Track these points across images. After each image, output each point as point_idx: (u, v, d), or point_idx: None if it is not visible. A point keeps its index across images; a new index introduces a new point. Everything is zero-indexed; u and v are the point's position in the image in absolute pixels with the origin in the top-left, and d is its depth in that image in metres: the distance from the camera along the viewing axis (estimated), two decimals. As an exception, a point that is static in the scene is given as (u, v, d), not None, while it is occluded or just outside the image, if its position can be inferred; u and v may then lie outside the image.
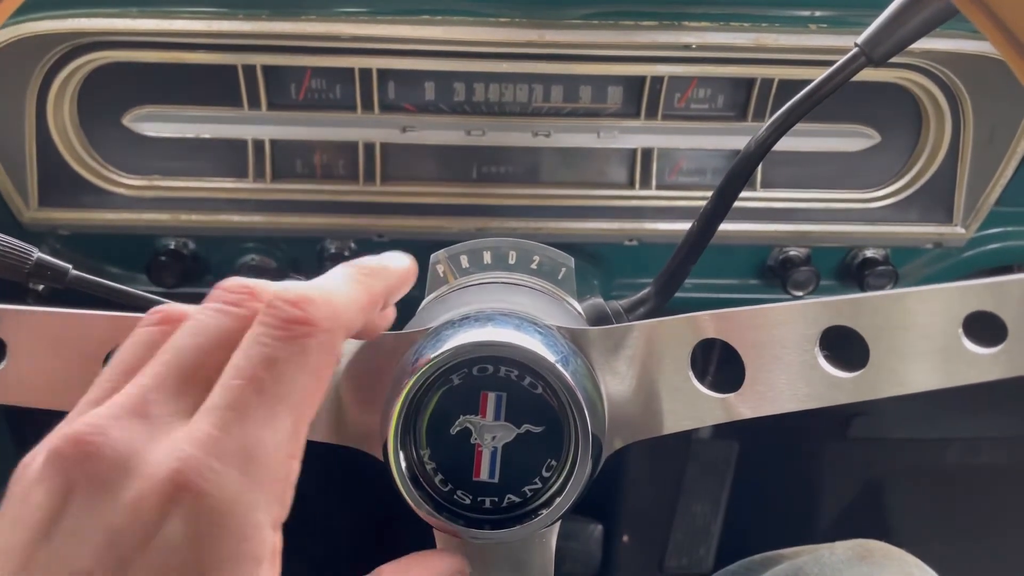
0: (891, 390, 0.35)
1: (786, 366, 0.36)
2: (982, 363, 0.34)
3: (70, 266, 0.41)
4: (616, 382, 0.39)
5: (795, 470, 1.15)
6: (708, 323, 0.36)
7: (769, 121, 0.43)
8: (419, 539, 0.40)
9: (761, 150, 0.44)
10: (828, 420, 1.12)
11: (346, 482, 1.12)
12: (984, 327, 0.33)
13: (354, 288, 0.31)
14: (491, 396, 0.36)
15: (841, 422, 1.11)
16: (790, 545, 0.63)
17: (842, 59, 0.41)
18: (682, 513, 1.11)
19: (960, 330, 0.34)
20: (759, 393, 0.36)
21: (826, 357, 0.35)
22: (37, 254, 0.41)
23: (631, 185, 0.75)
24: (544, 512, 0.37)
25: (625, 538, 1.13)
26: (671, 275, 0.47)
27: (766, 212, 0.76)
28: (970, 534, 1.10)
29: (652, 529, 1.12)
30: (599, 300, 0.49)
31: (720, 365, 0.90)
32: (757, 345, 0.36)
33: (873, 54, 0.40)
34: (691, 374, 0.37)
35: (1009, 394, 1.04)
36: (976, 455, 1.10)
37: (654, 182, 0.75)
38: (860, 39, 0.40)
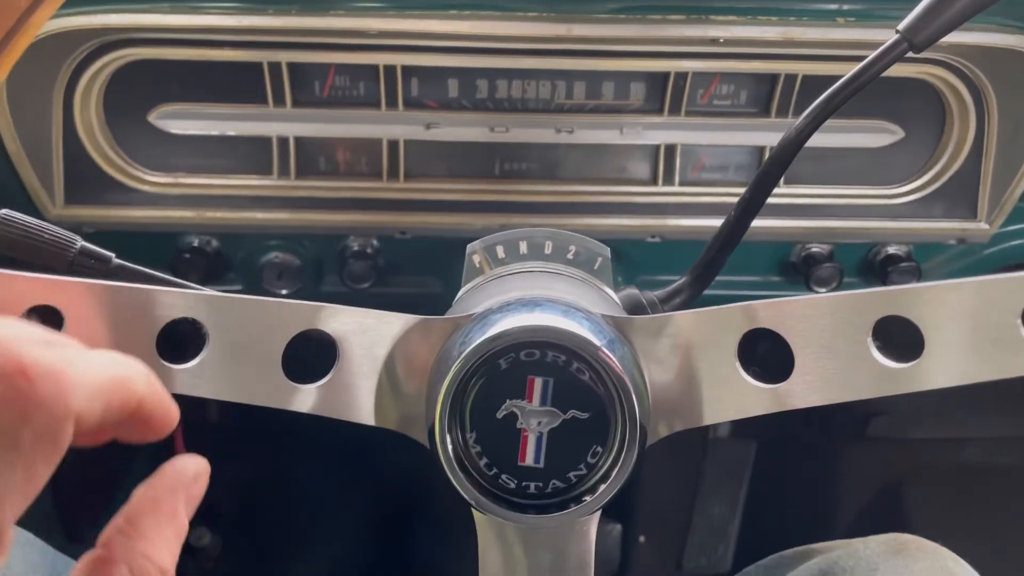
0: (946, 381, 0.35)
1: (837, 355, 0.35)
2: None
3: (113, 255, 0.41)
4: (660, 371, 0.39)
5: (813, 470, 1.14)
6: (758, 312, 0.36)
7: (808, 110, 0.43)
8: (435, 536, 0.40)
9: (800, 139, 0.44)
10: (846, 419, 1.12)
11: (362, 480, 1.12)
12: None
13: (105, 361, 0.26)
14: (538, 381, 0.36)
15: (859, 421, 1.10)
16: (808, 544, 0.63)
17: (883, 46, 0.41)
18: (700, 513, 1.11)
19: (1018, 321, 0.34)
20: (809, 383, 0.36)
21: (878, 348, 0.35)
22: (81, 243, 0.41)
23: (654, 181, 0.75)
24: (588, 499, 0.37)
25: (642, 538, 1.13)
26: (706, 265, 0.47)
27: (789, 208, 0.76)
28: (989, 533, 1.09)
29: (670, 529, 1.12)
30: (634, 291, 0.49)
31: (760, 356, 0.90)
32: (807, 334, 0.36)
33: (915, 40, 0.40)
34: (738, 364, 0.37)
35: (1026, 393, 1.04)
36: (996, 455, 1.10)
37: (677, 178, 0.75)
38: (901, 25, 0.40)
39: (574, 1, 0.63)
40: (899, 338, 0.35)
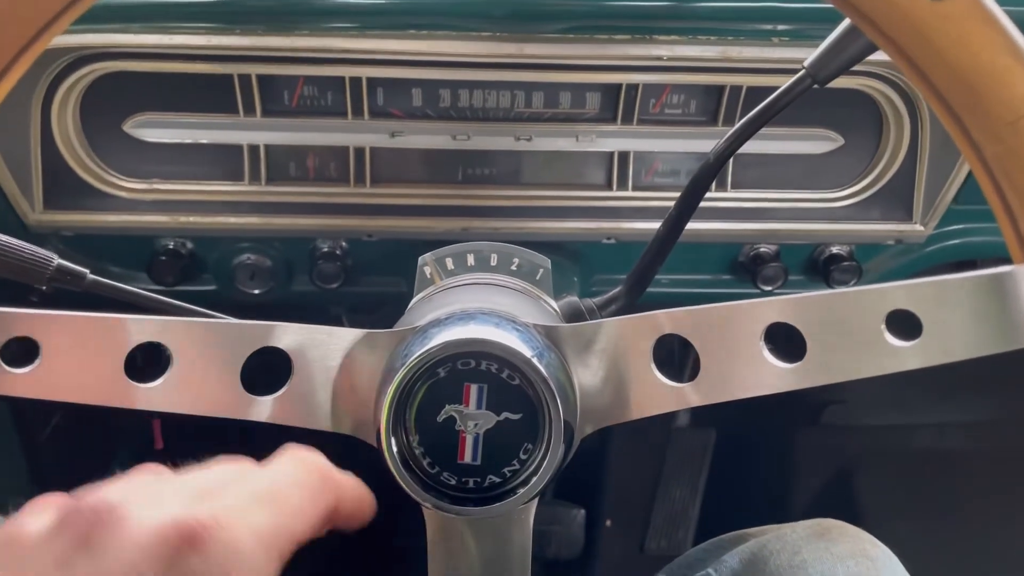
0: (825, 379, 0.39)
1: (735, 358, 0.40)
2: (902, 354, 0.38)
3: (87, 271, 0.45)
4: (587, 374, 0.43)
5: (769, 456, 1.20)
6: (665, 320, 0.40)
7: (727, 135, 0.47)
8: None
9: (719, 161, 0.48)
10: (801, 408, 1.17)
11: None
12: (904, 323, 0.38)
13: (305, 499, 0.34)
14: (473, 387, 0.40)
15: (813, 409, 1.16)
16: (763, 527, 0.68)
17: (789, 82, 0.45)
18: (662, 498, 1.16)
19: (883, 326, 0.38)
20: (711, 383, 0.40)
21: (770, 350, 0.40)
22: (57, 260, 0.44)
23: (609, 186, 0.79)
24: (521, 491, 0.41)
25: (608, 522, 1.17)
26: (640, 275, 0.52)
27: (737, 211, 0.80)
28: (935, 515, 1.15)
29: (633, 513, 1.17)
30: (574, 298, 0.53)
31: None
32: (709, 339, 0.40)
33: (818, 76, 0.44)
34: (652, 366, 0.41)
35: (972, 382, 1.09)
36: (941, 440, 1.15)
37: (630, 183, 0.79)
38: (807, 62, 0.44)
39: (524, 21, 0.67)
40: (793, 341, 0.40)
